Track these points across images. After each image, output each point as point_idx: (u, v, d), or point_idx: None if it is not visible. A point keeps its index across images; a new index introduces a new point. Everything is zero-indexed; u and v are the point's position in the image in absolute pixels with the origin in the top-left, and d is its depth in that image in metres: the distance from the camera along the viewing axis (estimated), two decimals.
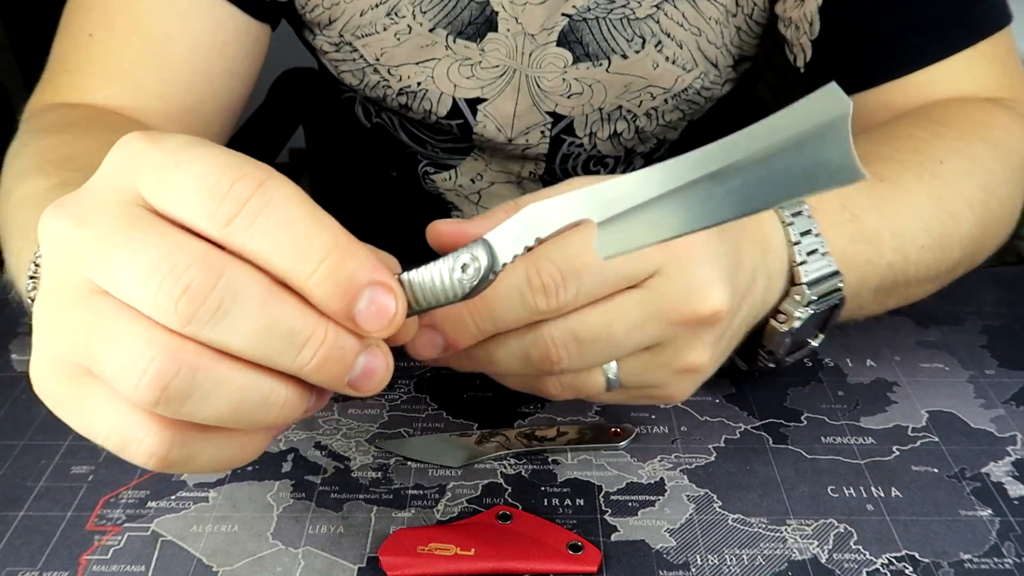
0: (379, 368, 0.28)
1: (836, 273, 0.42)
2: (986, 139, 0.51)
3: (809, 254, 0.41)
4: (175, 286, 0.24)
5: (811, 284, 0.41)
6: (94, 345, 0.26)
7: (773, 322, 0.42)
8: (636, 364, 0.37)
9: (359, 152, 0.82)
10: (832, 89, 0.24)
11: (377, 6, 0.59)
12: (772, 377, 0.49)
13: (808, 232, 0.41)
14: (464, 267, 0.28)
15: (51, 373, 0.28)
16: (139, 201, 0.27)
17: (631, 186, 0.26)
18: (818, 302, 0.41)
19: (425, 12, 0.59)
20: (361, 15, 0.60)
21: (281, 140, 0.98)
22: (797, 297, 0.41)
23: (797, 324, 0.41)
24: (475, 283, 0.28)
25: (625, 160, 0.69)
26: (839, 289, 0.42)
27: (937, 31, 0.54)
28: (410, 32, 0.60)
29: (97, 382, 0.27)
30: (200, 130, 0.57)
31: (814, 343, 0.45)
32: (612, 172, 0.70)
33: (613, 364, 0.37)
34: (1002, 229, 0.53)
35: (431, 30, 0.60)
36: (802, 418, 0.46)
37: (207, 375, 0.25)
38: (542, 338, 0.34)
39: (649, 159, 0.70)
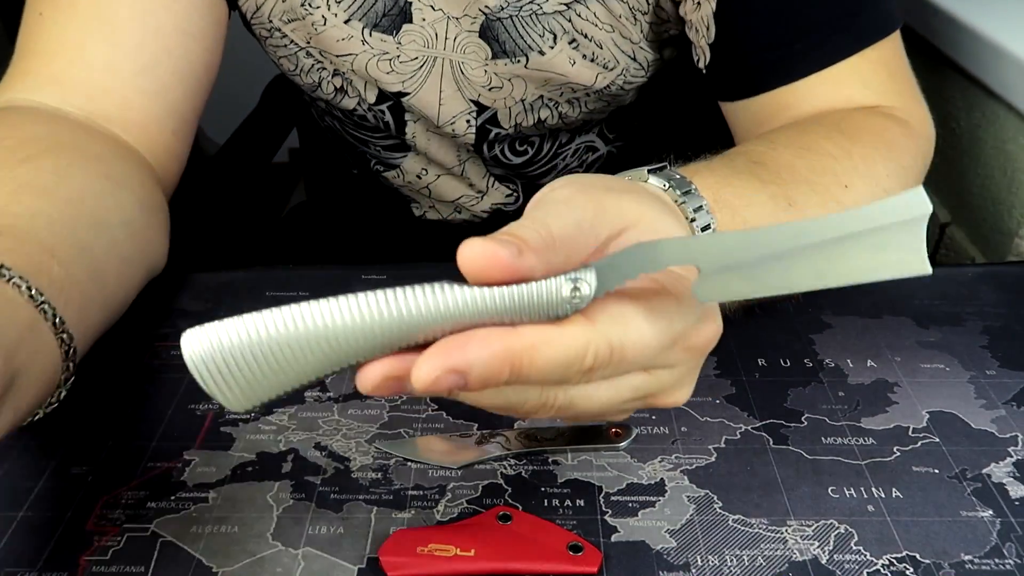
0: None
1: None
2: (888, 158, 0.53)
3: None
4: None
5: None
6: None
7: None
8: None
9: (327, 153, 0.83)
10: (918, 192, 0.28)
11: None
12: (772, 378, 0.49)
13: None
14: (575, 290, 0.29)
15: None
16: None
17: (735, 244, 0.29)
18: None
19: (339, 2, 0.59)
20: (283, 1, 0.60)
21: (276, 141, 0.98)
22: None
23: None
24: (581, 305, 0.29)
25: (550, 137, 0.70)
26: None
27: (822, 39, 0.56)
28: (325, 23, 0.60)
29: None
30: (156, 92, 0.56)
31: None
32: (538, 150, 0.70)
33: None
34: None
35: (346, 21, 0.60)
36: (802, 419, 0.46)
37: None
38: (544, 397, 0.33)
39: (576, 134, 0.71)
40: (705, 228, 0.40)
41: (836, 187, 0.49)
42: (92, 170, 0.49)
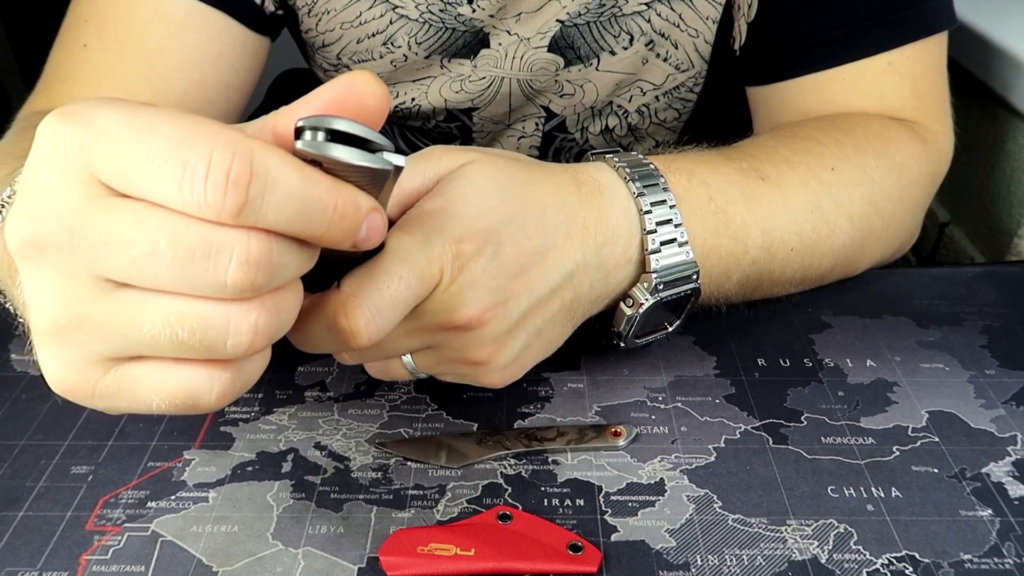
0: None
1: (690, 263, 0.43)
2: (881, 153, 0.53)
3: (664, 243, 0.42)
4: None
5: (660, 272, 0.42)
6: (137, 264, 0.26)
7: (622, 304, 0.44)
8: (427, 360, 0.40)
9: None
10: None
11: (374, 35, 0.59)
12: (772, 377, 0.49)
13: (668, 221, 0.42)
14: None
15: (81, 373, 0.28)
16: (101, 192, 0.26)
17: None
18: (666, 290, 0.43)
19: (420, 43, 0.59)
20: (358, 42, 0.60)
21: None
22: (644, 284, 0.43)
23: (643, 309, 0.43)
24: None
25: None
26: (694, 279, 0.43)
27: (864, 30, 0.56)
28: (405, 60, 0.60)
29: (136, 364, 0.28)
30: None
31: (669, 328, 0.47)
32: None
33: (408, 356, 0.40)
34: (882, 245, 0.54)
35: (426, 57, 0.60)
36: (802, 418, 0.46)
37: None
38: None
39: None
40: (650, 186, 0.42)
41: (820, 167, 0.49)
42: None
